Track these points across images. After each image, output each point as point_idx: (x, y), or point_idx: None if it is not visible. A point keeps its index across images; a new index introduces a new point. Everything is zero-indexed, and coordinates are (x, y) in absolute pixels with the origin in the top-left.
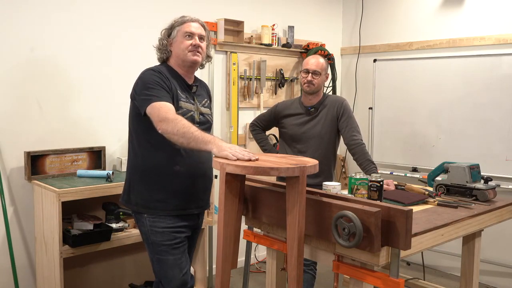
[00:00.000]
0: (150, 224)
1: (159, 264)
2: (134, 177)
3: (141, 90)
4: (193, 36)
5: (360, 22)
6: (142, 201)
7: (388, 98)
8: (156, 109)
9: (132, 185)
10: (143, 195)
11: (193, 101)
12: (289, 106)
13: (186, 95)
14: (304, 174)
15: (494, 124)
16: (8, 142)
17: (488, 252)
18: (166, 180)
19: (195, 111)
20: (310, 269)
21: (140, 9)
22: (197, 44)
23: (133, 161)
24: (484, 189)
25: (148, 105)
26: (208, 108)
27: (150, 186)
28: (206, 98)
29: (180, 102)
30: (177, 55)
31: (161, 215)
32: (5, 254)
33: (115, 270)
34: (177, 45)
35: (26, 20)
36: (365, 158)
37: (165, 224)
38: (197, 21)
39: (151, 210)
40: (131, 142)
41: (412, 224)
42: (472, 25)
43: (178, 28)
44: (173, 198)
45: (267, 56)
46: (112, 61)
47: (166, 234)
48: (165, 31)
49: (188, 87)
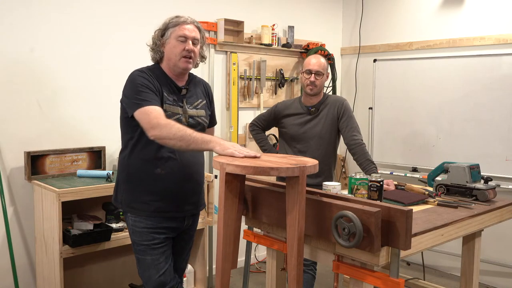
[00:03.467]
0: (132, 223)
1: (138, 264)
2: (121, 177)
3: (130, 92)
4: (186, 41)
5: (360, 22)
6: (127, 201)
7: (388, 98)
8: (146, 114)
9: (120, 185)
10: (128, 195)
11: (182, 104)
12: (289, 106)
13: (173, 98)
14: (304, 174)
15: (494, 124)
16: (8, 142)
17: (488, 252)
18: (149, 183)
19: (183, 114)
20: (310, 269)
21: (140, 8)
22: (190, 49)
23: (121, 162)
24: (484, 189)
25: (137, 110)
26: (203, 109)
27: (135, 187)
28: (201, 99)
29: (165, 105)
30: (168, 58)
31: (142, 215)
32: (5, 254)
33: (115, 270)
34: (169, 48)
35: (26, 20)
36: (365, 158)
37: (144, 224)
38: (192, 23)
39: (134, 210)
40: (122, 143)
41: (412, 224)
42: (472, 25)
43: (171, 30)
44: (155, 201)
45: (267, 56)
46: (112, 61)
47: (144, 234)
48: (159, 31)
49: (177, 90)
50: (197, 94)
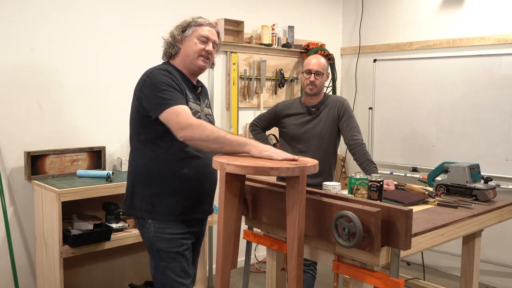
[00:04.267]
0: (155, 230)
1: (165, 272)
2: (138, 180)
3: (153, 92)
4: (208, 42)
5: (360, 22)
6: (147, 206)
7: (388, 98)
8: (175, 114)
9: (137, 189)
10: (148, 199)
11: (199, 102)
12: (290, 106)
13: (193, 96)
14: (304, 174)
15: (494, 124)
16: (8, 142)
17: (488, 252)
18: (174, 184)
19: (201, 112)
20: (310, 269)
21: (140, 8)
22: (210, 51)
23: (137, 164)
24: (484, 189)
25: (164, 110)
26: (209, 108)
27: (156, 190)
28: (207, 99)
29: (189, 103)
30: (186, 54)
31: (167, 220)
32: (5, 254)
33: (115, 270)
34: (189, 45)
35: (26, 20)
36: (365, 158)
37: (173, 230)
38: (214, 27)
39: (157, 215)
40: (134, 144)
41: (412, 224)
42: (472, 25)
43: (194, 28)
44: (179, 203)
45: (267, 56)
46: (112, 61)
47: (173, 240)
48: (180, 26)
49: (193, 88)
50: (205, 94)
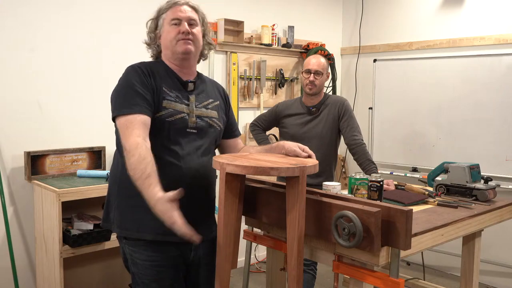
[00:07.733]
0: (129, 252)
1: None
2: (112, 189)
3: (115, 90)
4: (181, 22)
5: (360, 22)
6: (119, 220)
7: (388, 98)
8: (124, 126)
9: (111, 200)
10: (119, 211)
11: (188, 101)
12: (290, 106)
13: (177, 94)
14: (304, 174)
15: (494, 124)
16: (8, 142)
17: (488, 252)
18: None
19: (189, 114)
20: (310, 269)
21: (140, 8)
22: (186, 30)
23: (112, 171)
24: (484, 189)
25: (116, 117)
26: (215, 110)
27: (127, 201)
28: (213, 99)
29: (164, 101)
30: (165, 47)
31: (138, 244)
32: (5, 254)
33: (115, 270)
34: (164, 36)
35: (26, 20)
36: (365, 158)
37: (145, 257)
38: (186, 3)
39: (127, 231)
40: (116, 147)
41: (412, 224)
42: (472, 25)
43: (164, 16)
44: (150, 220)
45: (267, 56)
46: (112, 61)
47: (147, 268)
48: (151, 22)
49: (181, 85)
50: (208, 92)
